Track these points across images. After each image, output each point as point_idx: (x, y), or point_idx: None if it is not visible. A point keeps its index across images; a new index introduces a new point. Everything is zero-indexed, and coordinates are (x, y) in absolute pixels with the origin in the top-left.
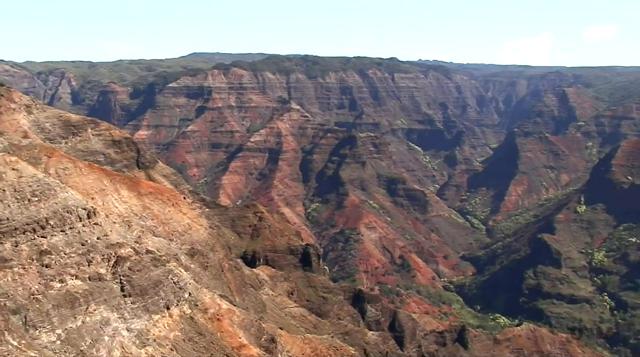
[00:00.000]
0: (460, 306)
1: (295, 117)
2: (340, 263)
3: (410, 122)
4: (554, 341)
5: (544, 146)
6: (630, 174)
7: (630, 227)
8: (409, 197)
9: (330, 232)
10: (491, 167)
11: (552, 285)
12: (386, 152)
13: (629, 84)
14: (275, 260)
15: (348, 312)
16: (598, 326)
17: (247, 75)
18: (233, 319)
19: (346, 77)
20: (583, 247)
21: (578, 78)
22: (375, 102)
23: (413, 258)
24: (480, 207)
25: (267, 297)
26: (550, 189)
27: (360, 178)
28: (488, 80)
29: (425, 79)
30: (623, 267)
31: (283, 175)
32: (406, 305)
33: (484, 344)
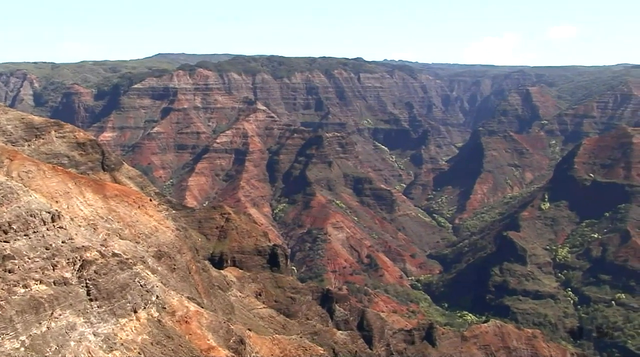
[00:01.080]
0: (427, 304)
1: (261, 118)
2: (308, 263)
3: (376, 122)
4: (520, 336)
5: (508, 145)
6: (592, 171)
7: (592, 223)
8: (375, 196)
9: (298, 232)
10: (457, 166)
11: (518, 281)
12: (352, 152)
13: (590, 84)
14: (242, 261)
15: (316, 312)
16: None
17: (213, 76)
18: (201, 321)
19: (312, 78)
20: (547, 244)
21: (541, 77)
22: (341, 102)
23: (380, 257)
24: (446, 205)
25: (235, 298)
26: (515, 187)
27: (327, 178)
28: (453, 80)
29: (390, 78)
30: (586, 262)
31: (250, 176)
32: (374, 304)
33: (452, 341)
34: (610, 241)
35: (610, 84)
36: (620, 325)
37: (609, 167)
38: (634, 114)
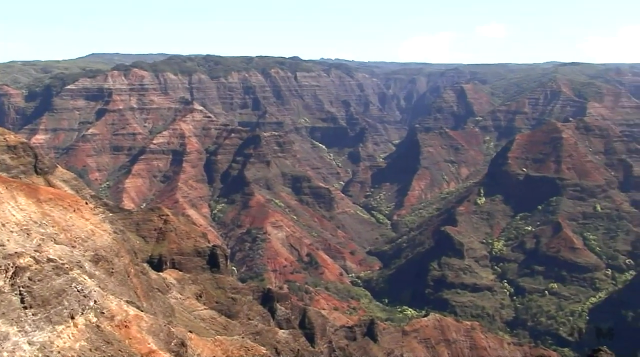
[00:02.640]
0: (368, 300)
1: (198, 118)
2: (248, 263)
3: (313, 121)
4: (459, 329)
5: (444, 141)
6: (525, 166)
7: (526, 216)
8: (314, 195)
9: (237, 232)
10: (394, 162)
11: (456, 275)
12: (290, 151)
13: (521, 81)
14: (182, 263)
15: (258, 312)
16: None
17: (148, 76)
18: (141, 325)
19: (249, 77)
20: (484, 238)
21: (475, 75)
22: (278, 101)
23: (320, 255)
24: (384, 202)
25: (176, 300)
26: (451, 183)
27: (265, 177)
28: (389, 78)
29: (327, 77)
30: (521, 254)
31: (187, 176)
32: (315, 302)
33: (393, 336)
34: (543, 233)
35: (541, 81)
36: (553, 313)
37: (540, 162)
38: (562, 109)
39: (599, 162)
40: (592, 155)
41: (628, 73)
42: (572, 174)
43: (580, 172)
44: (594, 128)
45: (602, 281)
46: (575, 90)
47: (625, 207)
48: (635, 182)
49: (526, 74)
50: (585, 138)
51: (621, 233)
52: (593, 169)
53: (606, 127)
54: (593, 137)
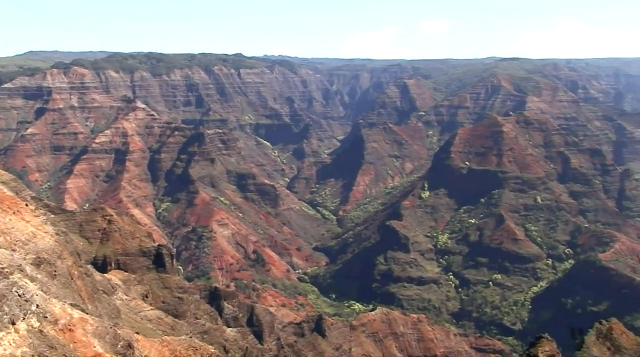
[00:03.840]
0: (315, 296)
1: (141, 116)
2: (194, 262)
3: (257, 117)
4: (406, 322)
5: (388, 136)
6: (468, 159)
7: (469, 209)
8: (259, 192)
9: (182, 231)
10: (339, 158)
11: (402, 269)
12: (235, 148)
13: (463, 76)
14: (127, 263)
15: (205, 311)
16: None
17: (89, 74)
18: (86, 328)
19: (192, 74)
20: (428, 231)
21: (417, 70)
22: (222, 98)
23: (267, 252)
24: (330, 198)
25: (121, 302)
26: (395, 177)
27: (210, 175)
28: (332, 74)
29: (271, 74)
30: (465, 247)
31: (131, 176)
32: (263, 299)
33: (341, 331)
34: (486, 226)
35: (482, 76)
36: (497, 304)
37: (482, 155)
38: (503, 104)
39: (538, 155)
40: (532, 148)
41: (564, 68)
42: (513, 167)
43: (520, 165)
44: (533, 122)
45: (543, 270)
46: (515, 85)
47: (564, 198)
48: (573, 174)
49: (467, 69)
50: (525, 132)
51: (560, 223)
52: (533, 162)
53: (545, 121)
54: (532, 131)
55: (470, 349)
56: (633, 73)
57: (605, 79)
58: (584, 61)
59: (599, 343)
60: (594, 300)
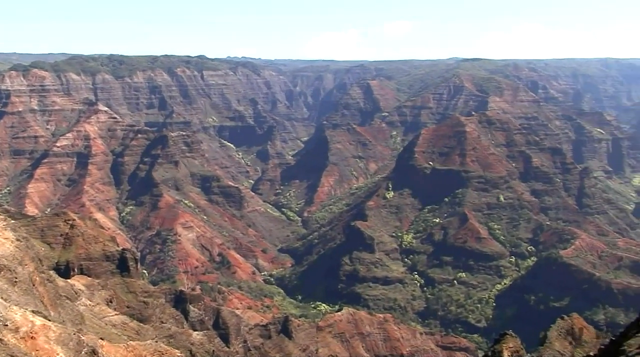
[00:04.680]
0: (282, 298)
1: (103, 119)
2: (159, 265)
3: (221, 119)
4: (372, 322)
5: (352, 137)
6: (431, 159)
7: (433, 209)
8: (224, 194)
9: (147, 234)
10: (303, 159)
11: (368, 269)
12: (199, 150)
13: (425, 76)
14: (90, 268)
15: (171, 314)
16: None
17: (50, 77)
18: (49, 335)
19: (154, 76)
20: (393, 231)
21: (380, 71)
22: (185, 100)
23: (232, 254)
24: (294, 199)
25: (85, 307)
26: (360, 178)
27: (174, 178)
28: (296, 75)
29: (234, 75)
30: (429, 246)
31: (93, 179)
32: (229, 302)
33: (308, 332)
34: (450, 225)
35: (444, 77)
36: (462, 302)
37: (446, 155)
38: (465, 104)
39: (500, 154)
40: (494, 147)
41: (525, 68)
42: (476, 167)
43: (483, 164)
44: (495, 121)
45: (507, 268)
46: (477, 85)
47: (526, 197)
48: (534, 172)
49: (430, 69)
50: (488, 131)
51: (523, 222)
52: (495, 161)
53: (507, 121)
54: (495, 131)
55: (436, 347)
56: (590, 74)
57: (564, 79)
58: (543, 62)
59: (561, 338)
60: (556, 296)
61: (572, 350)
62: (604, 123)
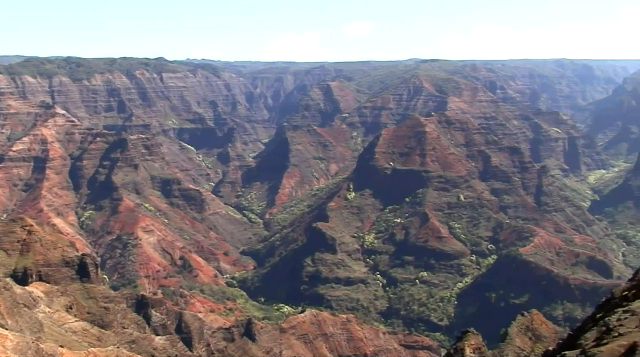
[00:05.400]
0: (244, 300)
1: (60, 123)
2: (120, 270)
3: (181, 122)
4: (335, 322)
5: (312, 138)
6: (392, 160)
7: (394, 209)
8: (184, 197)
9: (107, 239)
10: (264, 161)
11: (330, 270)
12: (159, 153)
13: (385, 77)
14: (49, 275)
15: (132, 319)
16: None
17: (4, 80)
18: (6, 344)
19: (113, 79)
20: (355, 232)
21: (340, 72)
22: (144, 103)
23: (194, 258)
24: (256, 201)
25: (44, 314)
26: (321, 179)
27: (134, 181)
28: (256, 77)
29: (194, 77)
30: (391, 246)
31: (51, 184)
32: (191, 305)
33: (271, 334)
34: (412, 224)
35: (404, 78)
36: (424, 301)
37: (406, 156)
38: (425, 104)
39: (460, 154)
40: (454, 147)
41: (483, 69)
42: (436, 166)
43: (443, 164)
44: (454, 121)
45: (468, 266)
46: (436, 86)
47: (486, 196)
48: (493, 171)
49: (389, 70)
50: (447, 131)
51: (483, 220)
52: (455, 161)
53: (466, 121)
54: (454, 130)
55: (399, 346)
56: (546, 74)
57: (521, 79)
58: (500, 62)
59: (522, 334)
60: (516, 293)
61: (532, 345)
62: (560, 122)
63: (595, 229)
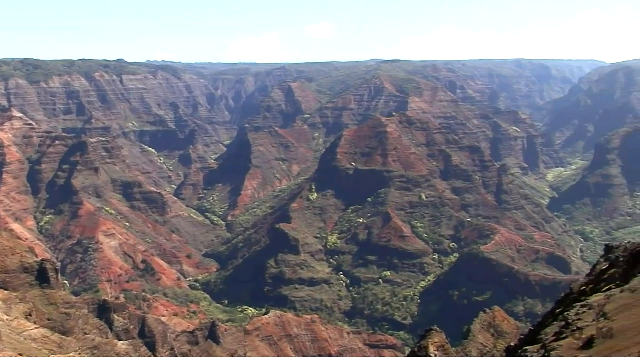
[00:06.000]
0: (208, 303)
1: (18, 126)
2: (81, 275)
3: (142, 124)
4: (299, 323)
5: (274, 140)
6: (354, 160)
7: (357, 209)
8: (146, 200)
9: (67, 244)
10: (226, 163)
11: (293, 271)
12: (119, 156)
13: (346, 78)
14: (7, 281)
15: (94, 325)
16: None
17: None
18: None
19: (72, 81)
20: (318, 232)
21: (301, 74)
22: (104, 105)
23: (156, 261)
24: (218, 203)
25: (2, 323)
26: (283, 181)
27: (95, 185)
28: (217, 79)
29: (154, 79)
30: (354, 246)
31: (9, 189)
32: (154, 309)
33: (235, 336)
34: (374, 224)
35: (365, 78)
36: (388, 300)
37: (368, 156)
38: (386, 105)
39: (421, 153)
40: (415, 147)
41: (443, 69)
42: (397, 166)
43: (405, 164)
44: (415, 121)
45: (430, 265)
46: (397, 86)
47: (447, 195)
48: (454, 171)
49: (351, 71)
50: (408, 131)
51: (444, 219)
52: (417, 161)
53: (426, 121)
54: (415, 130)
55: (364, 346)
56: (505, 74)
57: (480, 79)
58: (460, 62)
59: (484, 330)
60: (478, 290)
61: (495, 341)
62: (519, 121)
63: (554, 226)
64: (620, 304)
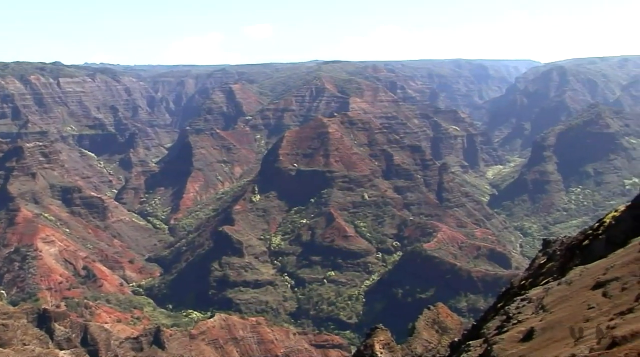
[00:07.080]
0: (152, 308)
1: None
2: (19, 284)
3: (80, 128)
4: (245, 326)
5: (216, 142)
6: (296, 161)
7: (300, 210)
8: (86, 205)
9: (4, 252)
10: (167, 166)
11: (238, 273)
12: (57, 161)
13: (287, 79)
14: None
15: (34, 335)
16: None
17: None
18: None
19: (6, 85)
20: (261, 234)
21: (242, 75)
22: (40, 109)
23: (98, 267)
24: (160, 207)
25: None
26: (225, 183)
27: (32, 191)
28: (157, 81)
29: (92, 82)
30: (298, 247)
31: None
32: (97, 316)
33: (180, 341)
34: (317, 225)
35: (306, 79)
36: (333, 300)
37: (310, 156)
38: (327, 105)
39: (363, 153)
40: (357, 147)
41: (383, 69)
42: (340, 166)
43: (347, 164)
44: (357, 122)
45: (374, 264)
46: (338, 87)
47: (390, 194)
48: (396, 170)
49: (292, 72)
50: (350, 131)
51: (387, 218)
52: (359, 161)
53: (368, 121)
54: (357, 131)
55: (310, 346)
56: (444, 74)
57: (420, 79)
58: (400, 63)
59: (428, 327)
60: (421, 288)
61: (439, 337)
62: (458, 120)
63: (494, 223)
64: (557, 296)
